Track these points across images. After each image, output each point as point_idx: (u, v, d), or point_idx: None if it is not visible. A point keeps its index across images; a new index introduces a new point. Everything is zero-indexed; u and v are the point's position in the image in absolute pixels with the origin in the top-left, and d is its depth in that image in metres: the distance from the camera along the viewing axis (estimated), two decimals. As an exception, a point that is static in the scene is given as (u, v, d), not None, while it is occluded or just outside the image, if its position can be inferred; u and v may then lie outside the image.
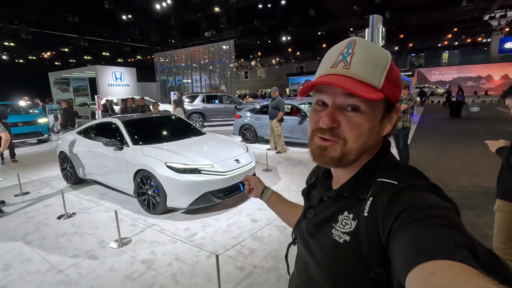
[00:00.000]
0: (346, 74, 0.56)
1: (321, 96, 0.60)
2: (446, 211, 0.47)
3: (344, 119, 0.58)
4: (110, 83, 19.28)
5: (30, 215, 3.82)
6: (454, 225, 0.44)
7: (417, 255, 0.40)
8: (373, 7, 18.74)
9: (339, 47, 0.60)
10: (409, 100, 4.82)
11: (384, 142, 0.65)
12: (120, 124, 4.34)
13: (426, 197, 0.51)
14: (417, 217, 0.46)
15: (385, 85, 0.57)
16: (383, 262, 0.50)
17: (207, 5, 19.76)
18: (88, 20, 20.77)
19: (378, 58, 0.58)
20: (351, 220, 0.58)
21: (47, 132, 9.55)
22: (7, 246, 3.06)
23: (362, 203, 0.57)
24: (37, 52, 27.01)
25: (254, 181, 1.14)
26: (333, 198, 0.64)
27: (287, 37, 23.52)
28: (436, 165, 5.65)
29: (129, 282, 2.42)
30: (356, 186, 0.61)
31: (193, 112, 12.22)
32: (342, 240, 0.58)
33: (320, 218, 0.65)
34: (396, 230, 0.47)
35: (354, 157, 0.60)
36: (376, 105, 0.58)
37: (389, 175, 0.57)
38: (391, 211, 0.50)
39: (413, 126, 10.66)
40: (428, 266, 0.38)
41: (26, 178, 5.31)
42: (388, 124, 0.62)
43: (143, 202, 3.82)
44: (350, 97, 0.56)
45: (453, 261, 0.37)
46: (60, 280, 2.47)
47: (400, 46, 29.51)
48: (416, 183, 0.54)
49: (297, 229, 0.78)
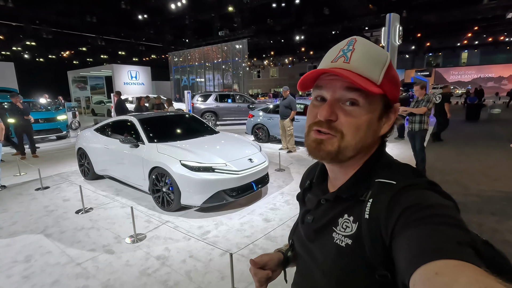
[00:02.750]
0: (346, 67, 0.56)
1: (321, 91, 0.60)
2: (447, 209, 0.47)
3: (342, 113, 0.57)
4: (125, 82, 19.70)
5: (50, 209, 3.95)
6: (456, 223, 0.44)
7: (421, 255, 0.40)
8: (389, 6, 18.33)
9: (340, 45, 0.61)
10: (428, 102, 4.66)
11: (381, 143, 0.64)
12: (136, 122, 4.42)
13: (426, 195, 0.50)
14: (419, 217, 0.46)
15: (384, 82, 0.57)
16: (387, 263, 0.50)
17: (221, 5, 19.85)
18: (105, 20, 21.26)
19: (377, 55, 0.58)
20: (351, 222, 0.57)
21: (65, 129, 9.84)
22: (28, 238, 3.17)
23: (361, 205, 0.56)
24: (57, 51, 27.86)
25: (273, 263, 0.76)
26: (332, 201, 0.63)
27: (301, 36, 23.35)
28: (454, 168, 5.48)
29: (144, 277, 2.47)
30: (354, 188, 0.60)
31: (206, 111, 12.32)
32: (344, 243, 0.57)
33: (320, 222, 0.64)
34: (399, 231, 0.47)
35: (351, 153, 0.59)
36: (375, 102, 0.58)
37: (386, 175, 0.57)
38: (392, 211, 0.50)
39: (430, 128, 10.39)
40: (432, 266, 0.38)
41: (46, 173, 5.50)
42: (386, 124, 0.62)
43: (157, 199, 3.88)
44: (350, 92, 0.57)
45: (457, 260, 0.37)
46: (79, 272, 2.55)
47: (417, 45, 28.75)
48: (415, 181, 0.54)
49: (294, 234, 0.76)
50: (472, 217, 3.42)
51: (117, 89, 18.55)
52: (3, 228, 3.42)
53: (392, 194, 0.52)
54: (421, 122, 4.76)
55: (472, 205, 3.79)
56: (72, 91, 21.74)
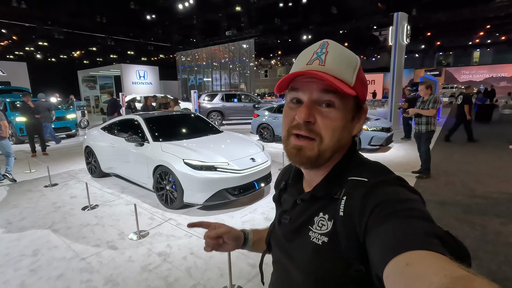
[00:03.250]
0: (322, 70, 0.57)
1: (297, 93, 0.61)
2: (415, 203, 0.50)
3: (320, 115, 0.59)
4: (134, 81, 19.97)
5: (57, 205, 4.06)
6: (423, 215, 0.47)
7: (392, 248, 0.42)
8: (399, 4, 18.07)
9: (313, 47, 0.62)
10: (435, 103, 4.57)
11: (352, 142, 0.66)
12: (142, 121, 4.50)
13: (395, 191, 0.53)
14: (389, 212, 0.48)
15: (356, 84, 0.59)
16: (362, 258, 0.52)
17: (228, 5, 19.92)
18: (114, 20, 21.59)
19: (349, 59, 0.60)
20: (327, 220, 0.59)
21: (75, 128, 10.06)
22: (36, 233, 3.27)
23: (336, 202, 0.58)
24: (68, 51, 28.44)
25: (229, 235, 0.83)
26: (307, 201, 0.65)
27: (308, 35, 23.24)
28: (460, 169, 5.40)
29: (146, 273, 2.53)
30: (329, 187, 0.62)
31: (212, 111, 12.40)
32: (320, 241, 0.58)
33: (297, 222, 0.65)
34: (372, 226, 0.49)
35: (329, 155, 0.61)
36: (348, 103, 0.60)
37: (359, 173, 0.59)
38: (365, 208, 0.52)
39: (438, 128, 10.24)
40: (403, 258, 0.40)
41: (55, 171, 5.64)
42: (357, 124, 0.64)
43: (161, 196, 3.95)
44: (326, 93, 0.58)
45: (425, 251, 0.39)
46: (83, 267, 2.62)
47: (427, 44, 28.29)
48: (384, 178, 0.56)
49: (271, 235, 0.77)
50: (476, 219, 3.38)
51: (125, 88, 18.83)
52: (13, 223, 3.54)
53: (365, 191, 0.54)
54: (428, 123, 4.68)
55: (477, 206, 3.73)
56: (82, 90, 22.17)
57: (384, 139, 6.69)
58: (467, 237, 2.99)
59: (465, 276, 0.33)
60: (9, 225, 3.49)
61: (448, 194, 4.18)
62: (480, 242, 2.91)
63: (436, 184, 4.64)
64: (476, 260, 2.60)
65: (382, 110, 11.06)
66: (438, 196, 4.13)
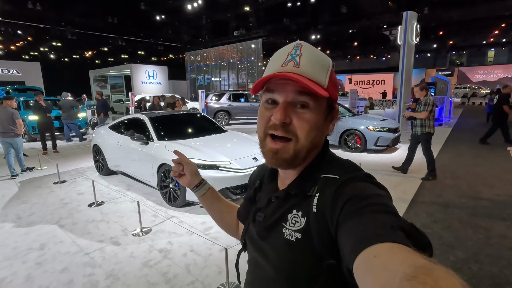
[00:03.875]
0: (297, 72, 0.59)
1: (272, 94, 0.62)
2: (382, 198, 0.53)
3: (295, 116, 0.60)
4: (143, 81, 20.26)
5: (65, 202, 4.18)
6: (389, 210, 0.50)
7: (361, 241, 0.44)
8: (410, 3, 17.79)
9: (287, 48, 0.63)
10: (426, 105, 4.53)
11: (325, 141, 0.68)
12: (147, 120, 4.59)
13: (363, 187, 0.55)
14: (358, 207, 0.50)
15: (329, 85, 0.61)
16: (333, 253, 0.54)
17: (237, 5, 20.01)
18: (125, 21, 21.99)
19: (322, 61, 0.62)
20: (300, 217, 0.60)
21: (85, 126, 10.29)
22: (44, 228, 3.39)
23: (309, 199, 0.60)
24: (80, 51, 29.12)
25: (190, 169, 0.91)
26: (282, 198, 0.66)
27: (317, 35, 23.13)
28: (468, 171, 5.29)
29: (146, 268, 2.59)
30: (302, 184, 0.63)
31: (219, 110, 12.49)
32: (293, 238, 0.60)
33: (271, 219, 0.66)
34: (342, 221, 0.51)
35: (304, 155, 0.62)
36: (322, 104, 0.62)
37: (331, 170, 0.62)
38: (336, 203, 0.54)
39: (448, 129, 10.03)
40: (371, 250, 0.42)
41: (64, 168, 5.80)
42: (330, 124, 0.66)
43: (165, 194, 4.02)
44: (301, 95, 0.59)
45: (391, 243, 0.42)
46: (86, 262, 2.70)
47: (439, 43, 27.72)
48: (354, 175, 0.58)
49: (246, 234, 0.77)
50: (480, 222, 3.32)
51: (135, 88, 19.13)
52: (22, 218, 3.67)
53: (336, 187, 0.56)
54: (422, 125, 4.65)
55: (482, 209, 3.66)
56: (93, 90, 22.62)
57: (391, 140, 6.61)
58: (469, 240, 2.94)
59: (427, 264, 0.35)
60: (18, 220, 3.62)
61: (453, 196, 4.11)
62: (482, 245, 2.86)
63: (441, 186, 4.56)
64: (477, 263, 2.56)
65: (390, 110, 10.90)
66: (443, 198, 4.07)
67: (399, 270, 0.36)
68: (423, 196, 4.14)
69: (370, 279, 0.39)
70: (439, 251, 2.76)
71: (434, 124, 4.70)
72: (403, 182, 4.76)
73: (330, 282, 0.57)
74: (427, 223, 3.34)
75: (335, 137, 7.01)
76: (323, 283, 0.57)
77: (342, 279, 0.54)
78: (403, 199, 4.00)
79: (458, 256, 2.68)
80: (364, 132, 6.69)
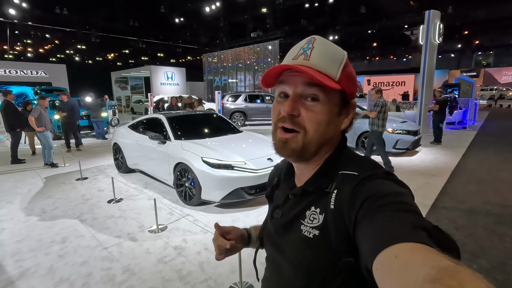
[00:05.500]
0: (306, 64, 0.59)
1: (283, 87, 0.63)
2: (403, 196, 0.51)
3: (304, 108, 0.60)
4: (162, 82, 20.76)
5: (86, 198, 4.34)
6: (411, 208, 0.48)
7: (381, 241, 0.43)
8: (433, 2, 17.20)
9: (301, 43, 0.63)
10: (376, 106, 5.08)
11: (342, 138, 0.67)
12: (165, 120, 4.68)
13: (384, 184, 0.54)
14: (378, 205, 0.49)
15: (342, 78, 0.60)
16: (352, 251, 0.53)
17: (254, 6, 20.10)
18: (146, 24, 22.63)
19: (335, 53, 0.61)
20: (318, 214, 0.59)
21: (106, 126, 10.65)
22: (66, 222, 3.53)
23: (327, 196, 0.59)
24: (103, 53, 30.27)
25: (234, 234, 0.81)
26: (299, 195, 0.66)
27: (335, 36, 22.82)
28: (494, 176, 5.03)
29: (161, 265, 2.63)
30: (320, 181, 0.62)
31: (235, 111, 12.56)
32: (311, 235, 0.59)
33: (288, 216, 0.66)
34: (361, 219, 0.50)
35: (314, 148, 0.61)
36: (334, 97, 0.61)
37: (349, 167, 0.60)
38: (355, 201, 0.52)
39: (472, 132, 9.61)
40: (392, 250, 0.40)
41: (86, 165, 6.03)
42: (346, 119, 0.65)
43: (180, 193, 4.09)
44: (310, 87, 0.59)
45: (413, 243, 0.40)
46: (105, 256, 2.79)
47: (464, 43, 26.60)
48: (374, 172, 0.56)
49: (263, 231, 0.78)
50: (508, 230, 3.14)
51: (154, 89, 19.60)
52: (47, 212, 3.84)
53: (354, 184, 0.55)
54: (373, 124, 5.21)
55: (510, 217, 3.47)
56: (114, 91, 23.41)
57: (411, 143, 6.40)
58: (494, 249, 2.79)
59: (451, 266, 0.34)
60: (43, 214, 3.79)
61: (478, 202, 3.92)
62: (509, 254, 2.70)
63: (465, 191, 4.37)
64: (503, 274, 2.42)
65: (410, 112, 10.56)
66: (466, 204, 3.89)
67: (421, 271, 0.34)
68: (445, 202, 3.97)
69: (390, 280, 0.38)
70: (461, 259, 2.63)
71: (385, 124, 5.19)
72: (423, 186, 4.59)
73: (348, 280, 0.56)
74: (449, 229, 3.19)
75: (352, 139, 6.87)
76: (340, 281, 0.56)
77: (360, 277, 0.53)
78: (423, 204, 3.86)
79: (482, 265, 2.55)
80: (382, 134, 6.51)
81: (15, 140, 6.40)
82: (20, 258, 2.78)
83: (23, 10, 16.78)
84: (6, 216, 3.72)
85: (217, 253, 0.78)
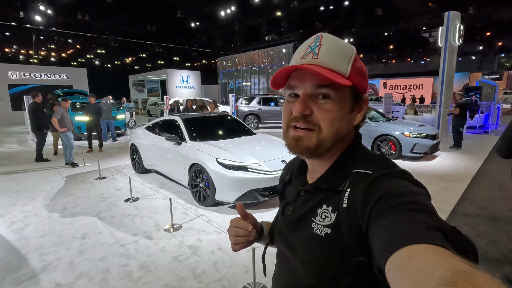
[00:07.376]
0: (315, 62, 0.59)
1: (293, 87, 0.62)
2: (418, 196, 0.50)
3: (316, 107, 0.60)
4: (177, 85, 21.13)
5: (104, 196, 4.47)
6: (426, 209, 0.47)
7: (395, 241, 0.42)
8: (453, 3, 16.72)
9: (308, 42, 0.63)
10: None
11: (355, 134, 0.66)
12: (181, 122, 4.78)
13: (399, 184, 0.52)
14: (392, 204, 0.48)
15: (352, 74, 0.59)
16: (364, 250, 0.52)
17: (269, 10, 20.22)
18: (163, 28, 23.20)
19: (343, 49, 0.60)
20: (330, 212, 0.59)
21: (123, 127, 10.96)
22: (86, 220, 3.65)
23: (340, 194, 0.58)
24: (121, 57, 31.21)
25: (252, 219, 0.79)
26: (310, 192, 0.65)
27: (350, 38, 22.58)
28: (519, 183, 4.81)
29: (176, 263, 2.68)
30: (332, 178, 0.62)
31: (249, 114, 12.63)
32: (323, 233, 0.58)
33: (299, 213, 0.66)
34: (374, 218, 0.49)
35: (329, 145, 0.61)
36: (345, 93, 0.60)
37: (363, 165, 0.59)
38: (368, 200, 0.52)
39: (495, 137, 9.23)
40: (405, 251, 0.40)
41: (105, 165, 6.23)
42: (358, 114, 0.64)
43: (195, 193, 4.14)
44: (321, 86, 0.59)
45: (427, 244, 0.39)
46: (122, 253, 2.86)
47: (486, 45, 25.68)
48: (389, 171, 0.55)
49: (274, 227, 0.77)
50: (533, 239, 3.00)
51: (170, 92, 19.99)
52: (67, 209, 3.98)
53: (368, 183, 0.54)
54: None
55: (536, 225, 3.31)
56: (131, 94, 24.04)
57: (429, 147, 6.23)
58: (519, 257, 2.67)
59: (468, 270, 0.33)
60: (64, 211, 3.94)
61: (501, 209, 3.76)
62: (536, 264, 2.58)
63: (487, 197, 4.20)
64: (529, 283, 2.31)
65: (428, 116, 10.28)
66: (489, 210, 3.74)
67: (435, 273, 0.34)
68: (466, 208, 3.84)
69: (403, 281, 0.37)
70: (483, 267, 2.52)
71: None
72: (443, 191, 4.45)
73: (359, 279, 0.55)
74: (470, 236, 3.07)
75: (367, 142, 6.76)
76: (351, 280, 0.56)
77: (372, 277, 0.52)
78: (442, 209, 3.74)
79: (505, 274, 2.45)
80: (399, 138, 6.37)
81: (40, 141, 6.69)
82: (43, 252, 2.90)
83: (48, 17, 17.58)
84: (30, 212, 3.89)
85: (233, 242, 0.76)
